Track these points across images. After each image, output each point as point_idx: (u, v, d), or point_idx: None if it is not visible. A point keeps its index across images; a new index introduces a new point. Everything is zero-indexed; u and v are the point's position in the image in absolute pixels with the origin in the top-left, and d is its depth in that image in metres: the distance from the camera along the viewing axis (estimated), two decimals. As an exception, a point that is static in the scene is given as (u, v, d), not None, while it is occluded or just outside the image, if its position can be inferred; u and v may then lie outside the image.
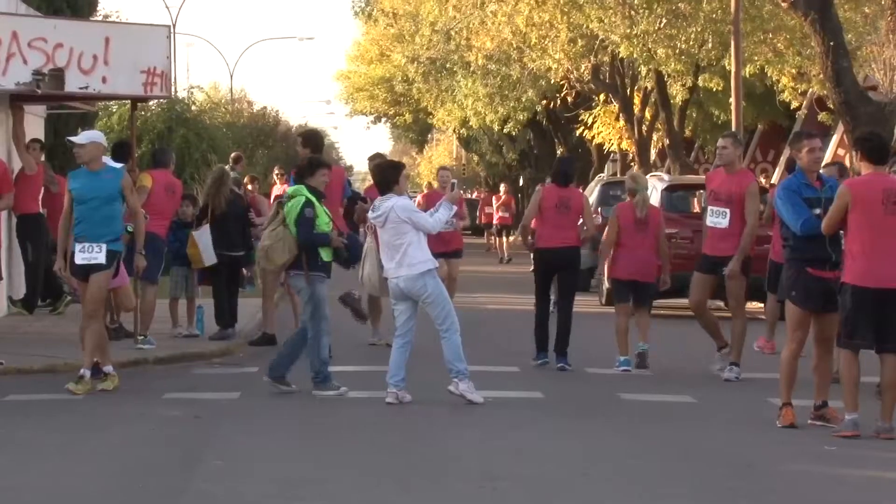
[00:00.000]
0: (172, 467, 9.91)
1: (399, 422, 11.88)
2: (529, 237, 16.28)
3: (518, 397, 13.07)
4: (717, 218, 14.07)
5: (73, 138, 13.52)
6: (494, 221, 41.87)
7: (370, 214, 13.34)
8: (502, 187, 34.96)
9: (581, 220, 16.17)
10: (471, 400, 12.41)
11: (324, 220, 13.33)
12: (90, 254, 13.00)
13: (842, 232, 10.96)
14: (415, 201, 16.61)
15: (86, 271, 13.08)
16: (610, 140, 43.69)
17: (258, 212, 18.20)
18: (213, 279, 17.40)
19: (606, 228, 16.29)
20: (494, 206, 42.08)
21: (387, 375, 12.58)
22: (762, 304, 17.79)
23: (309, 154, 15.37)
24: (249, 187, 21.70)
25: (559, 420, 11.90)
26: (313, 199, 13.28)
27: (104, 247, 12.98)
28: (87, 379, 13.16)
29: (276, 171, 23.85)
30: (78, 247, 13.03)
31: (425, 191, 24.04)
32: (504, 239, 41.33)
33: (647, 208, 15.99)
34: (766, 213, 15.22)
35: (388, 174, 13.21)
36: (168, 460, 10.19)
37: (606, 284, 19.91)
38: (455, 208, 13.49)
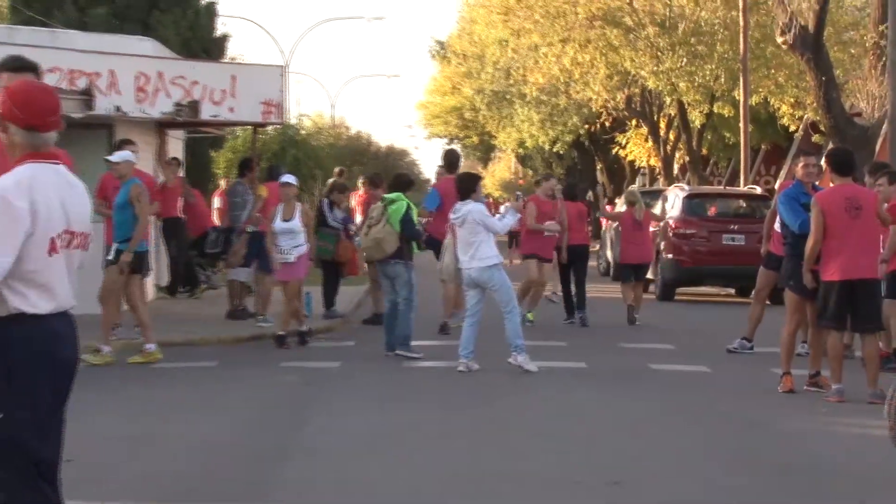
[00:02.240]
0: (284, 422, 9.97)
1: (467, 386, 11.87)
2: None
3: (565, 367, 13.02)
4: None
5: (109, 157, 13.19)
6: None
7: (451, 215, 13.35)
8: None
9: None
10: (527, 369, 12.42)
11: (416, 219, 13.91)
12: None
13: None
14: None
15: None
16: (640, 157, 43.74)
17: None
18: (323, 270, 17.42)
19: (607, 223, 19.50)
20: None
21: (459, 348, 12.63)
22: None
23: (443, 168, 15.87)
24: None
25: (600, 385, 11.85)
26: (411, 204, 13.74)
27: (115, 246, 12.94)
28: (106, 352, 13.02)
29: (361, 181, 23.99)
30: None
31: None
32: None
33: (643, 213, 18.27)
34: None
35: (467, 183, 13.29)
36: (281, 416, 10.26)
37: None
38: (518, 215, 13.67)
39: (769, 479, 7.84)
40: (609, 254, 26.35)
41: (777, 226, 13.27)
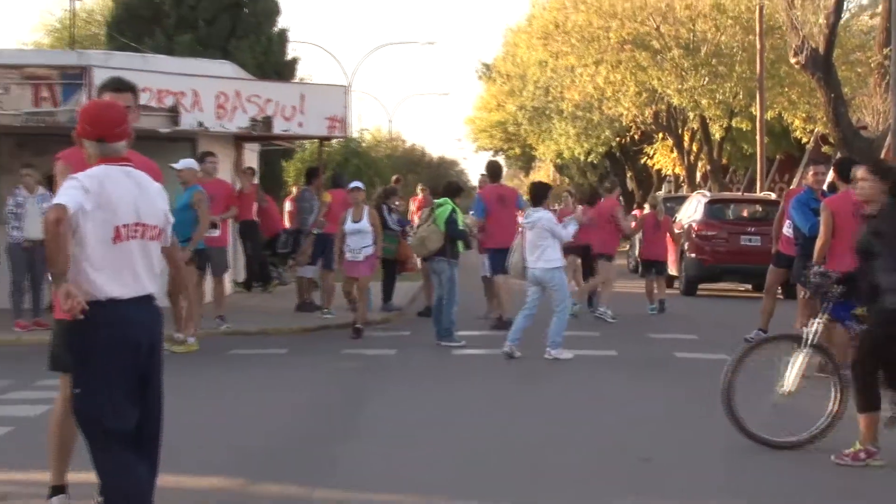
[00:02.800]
0: (346, 403, 9.99)
1: (509, 372, 11.86)
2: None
3: (598, 355, 12.97)
4: (791, 230, 13.58)
5: (173, 165, 13.03)
6: None
7: (523, 220, 13.43)
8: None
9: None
10: (562, 358, 12.39)
11: (461, 222, 13.85)
12: None
13: None
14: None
15: None
16: (666, 166, 43.58)
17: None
18: (383, 267, 17.44)
19: (634, 226, 19.16)
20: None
21: (508, 333, 12.61)
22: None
23: (485, 178, 15.92)
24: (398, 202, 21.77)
25: (629, 372, 11.79)
26: (456, 207, 13.77)
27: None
28: (189, 342, 13.03)
29: (420, 187, 24.13)
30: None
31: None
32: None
33: (663, 215, 18.81)
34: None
35: (540, 192, 13.25)
36: (343, 398, 10.27)
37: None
38: (578, 225, 13.76)
39: (782, 456, 7.76)
40: (637, 253, 26.35)
41: (786, 228, 13.18)
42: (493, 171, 16.74)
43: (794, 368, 7.94)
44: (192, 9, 29.49)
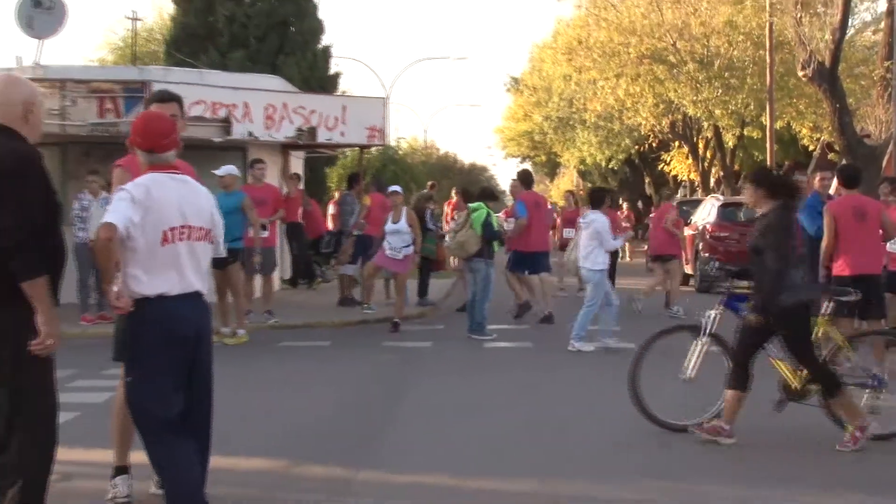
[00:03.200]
0: (384, 392, 9.99)
1: (535, 363, 11.84)
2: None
3: (618, 347, 12.93)
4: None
5: (215, 171, 13.16)
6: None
7: (581, 220, 13.40)
8: (625, 205, 34.12)
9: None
10: (584, 350, 12.35)
11: (496, 224, 13.87)
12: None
13: None
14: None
15: (216, 263, 12.92)
16: (682, 172, 43.39)
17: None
18: (420, 265, 17.45)
19: (650, 228, 18.97)
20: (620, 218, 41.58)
21: (572, 330, 12.53)
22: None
23: (519, 184, 15.93)
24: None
25: (647, 362, 11.73)
26: (491, 211, 13.77)
27: (225, 245, 12.89)
28: (240, 335, 13.12)
29: (454, 191, 24.15)
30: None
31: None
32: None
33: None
34: None
35: (598, 197, 13.22)
36: (382, 387, 10.26)
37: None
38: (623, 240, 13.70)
39: (793, 436, 7.71)
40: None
41: None
42: (526, 179, 16.71)
43: (695, 356, 7.99)
44: (243, 28, 29.64)
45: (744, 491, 6.36)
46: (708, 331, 8.01)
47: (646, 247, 28.04)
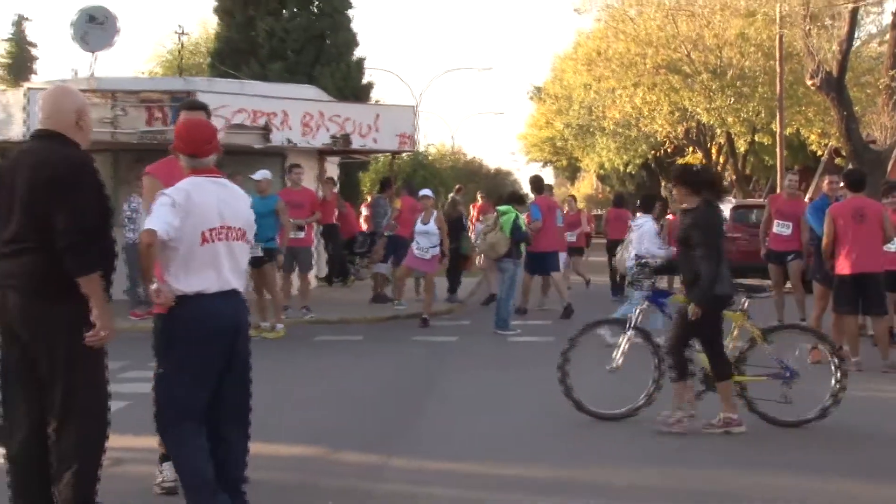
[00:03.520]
0: (414, 383, 9.99)
1: (552, 357, 11.79)
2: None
3: (637, 342, 12.85)
4: (783, 229, 13.50)
5: (252, 175, 13.21)
6: None
7: (632, 223, 13.23)
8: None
9: None
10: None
11: (524, 226, 13.83)
12: (254, 250, 13.00)
13: None
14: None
15: (252, 262, 12.92)
16: (696, 176, 43.05)
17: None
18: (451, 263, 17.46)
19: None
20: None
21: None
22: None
23: (538, 192, 16.11)
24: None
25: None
26: (519, 214, 13.71)
27: (261, 245, 13.00)
28: (278, 329, 13.13)
29: (479, 195, 24.12)
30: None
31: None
32: None
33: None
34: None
35: (650, 200, 13.13)
36: (412, 379, 10.27)
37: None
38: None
39: (800, 431, 7.65)
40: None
41: (775, 228, 13.35)
42: (537, 185, 16.70)
43: (621, 348, 8.00)
44: (282, 41, 29.73)
45: (755, 477, 6.32)
46: (633, 324, 8.05)
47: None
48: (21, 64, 48.68)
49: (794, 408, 7.74)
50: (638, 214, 13.18)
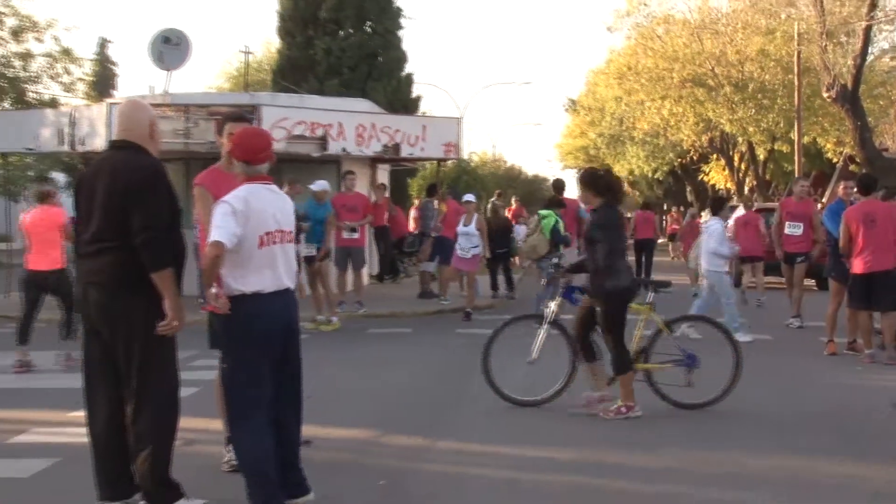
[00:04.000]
0: (458, 374, 9.97)
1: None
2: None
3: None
4: (794, 229, 13.53)
5: (311, 186, 13.36)
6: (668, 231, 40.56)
7: (703, 225, 13.08)
8: (674, 209, 33.13)
9: None
10: (744, 340, 11.89)
11: (563, 229, 13.71)
12: (308, 249, 13.00)
13: None
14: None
15: (309, 261, 12.99)
16: (719, 182, 42.81)
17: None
18: (490, 262, 17.44)
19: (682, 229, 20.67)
20: (669, 222, 41.26)
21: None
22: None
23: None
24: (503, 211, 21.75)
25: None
26: (559, 218, 13.64)
27: (316, 246, 12.97)
28: (333, 322, 13.17)
29: (514, 199, 24.07)
30: (304, 246, 12.83)
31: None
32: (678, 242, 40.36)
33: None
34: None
35: (719, 203, 12.89)
36: (456, 370, 10.23)
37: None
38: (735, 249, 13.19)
39: (817, 418, 7.55)
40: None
41: (787, 229, 13.47)
42: (559, 186, 16.60)
43: (538, 341, 7.95)
44: (338, 59, 29.90)
45: (768, 460, 6.25)
46: (549, 319, 8.02)
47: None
48: (104, 81, 49.32)
49: (697, 391, 7.76)
50: (710, 217, 12.93)
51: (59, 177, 36.94)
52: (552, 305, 8.11)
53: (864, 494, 5.60)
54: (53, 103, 25.84)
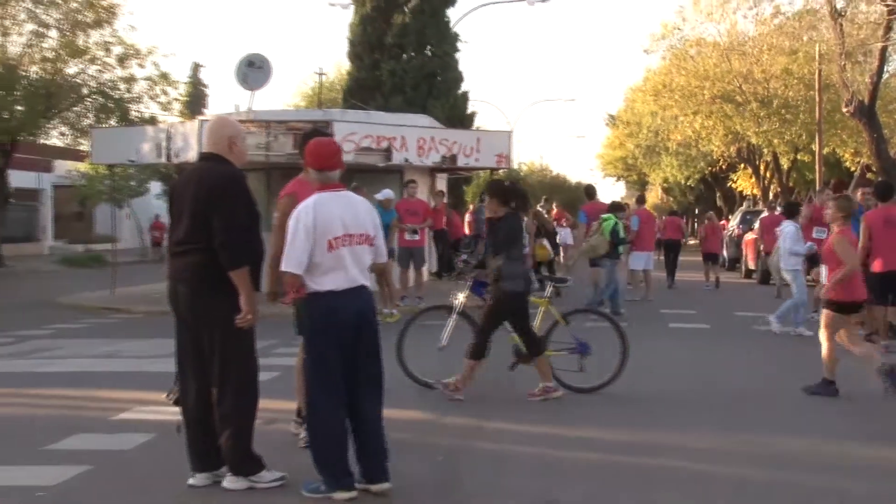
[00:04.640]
0: (507, 359, 9.93)
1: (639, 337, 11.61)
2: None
3: (696, 328, 12.59)
4: (820, 234, 13.26)
5: (377, 195, 13.34)
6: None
7: (778, 229, 12.70)
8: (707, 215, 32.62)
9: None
10: (772, 329, 11.89)
11: (622, 231, 13.70)
12: None
13: None
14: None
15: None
16: (746, 189, 42.30)
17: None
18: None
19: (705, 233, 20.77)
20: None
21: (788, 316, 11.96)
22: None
23: (634, 202, 16.11)
24: (548, 214, 21.60)
25: (717, 340, 11.41)
26: (619, 221, 13.63)
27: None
28: (394, 314, 13.13)
29: (555, 204, 23.93)
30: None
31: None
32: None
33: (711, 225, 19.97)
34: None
35: (792, 208, 12.73)
36: (507, 355, 10.19)
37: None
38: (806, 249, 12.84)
39: (833, 400, 7.36)
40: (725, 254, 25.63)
41: (814, 233, 13.19)
42: (590, 192, 16.40)
43: (448, 329, 7.85)
44: (401, 80, 29.99)
45: (812, 443, 6.10)
46: (458, 310, 7.95)
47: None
48: (196, 101, 50.08)
49: (589, 376, 7.78)
50: (784, 220, 12.54)
51: (156, 185, 37.61)
52: (460, 297, 8.08)
53: None
54: (153, 121, 26.27)
